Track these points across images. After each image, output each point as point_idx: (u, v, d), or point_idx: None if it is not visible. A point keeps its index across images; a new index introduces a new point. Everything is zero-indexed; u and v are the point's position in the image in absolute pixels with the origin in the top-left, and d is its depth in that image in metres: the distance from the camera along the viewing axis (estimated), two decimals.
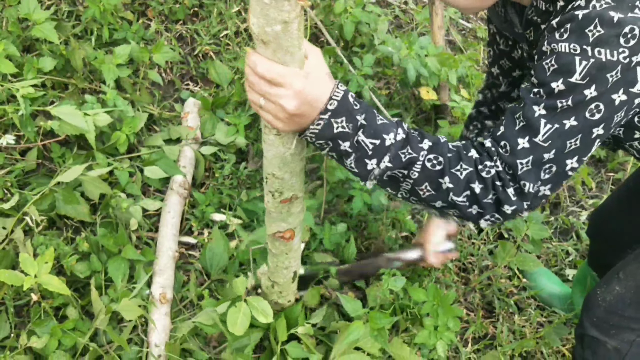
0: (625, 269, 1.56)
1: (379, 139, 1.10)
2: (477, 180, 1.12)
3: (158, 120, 2.42)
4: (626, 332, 1.56)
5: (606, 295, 1.58)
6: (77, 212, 2.03)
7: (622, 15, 0.99)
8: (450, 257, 2.00)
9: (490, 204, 1.14)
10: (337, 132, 1.08)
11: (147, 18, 2.65)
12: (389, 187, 1.18)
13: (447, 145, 1.16)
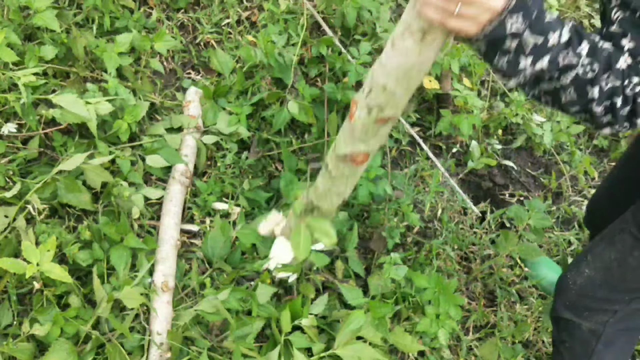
0: (593, 252, 1.57)
1: (543, 37, 1.05)
2: (620, 95, 1.10)
3: (160, 109, 2.41)
4: (599, 314, 1.58)
5: (577, 279, 1.59)
6: (79, 201, 2.03)
7: None
8: None
9: (624, 116, 1.12)
10: (510, 31, 1.05)
11: (148, 7, 2.64)
12: (527, 86, 1.15)
13: (601, 49, 1.11)
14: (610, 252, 1.52)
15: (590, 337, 1.61)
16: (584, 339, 1.62)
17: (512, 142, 2.79)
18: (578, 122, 2.88)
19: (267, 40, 2.36)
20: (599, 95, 1.10)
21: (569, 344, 1.66)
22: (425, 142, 2.61)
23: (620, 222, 1.52)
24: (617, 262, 1.50)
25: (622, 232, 1.49)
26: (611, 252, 1.52)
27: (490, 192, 2.61)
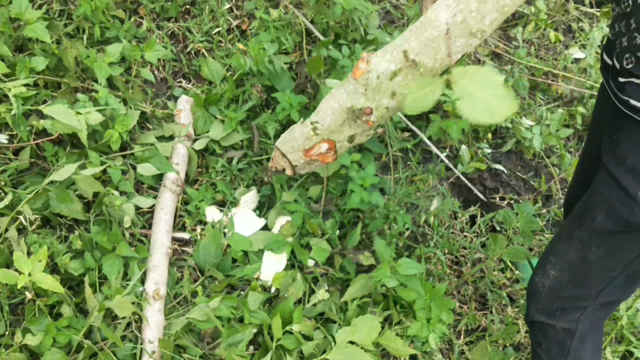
0: (554, 251, 1.59)
1: None
2: None
3: (151, 118, 2.43)
4: (571, 312, 1.60)
5: (544, 281, 1.61)
6: (71, 211, 2.04)
7: None
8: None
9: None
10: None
11: (138, 16, 2.66)
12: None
13: None
14: (570, 250, 1.54)
15: (565, 336, 1.63)
16: (559, 339, 1.64)
17: (501, 145, 2.81)
18: (568, 125, 2.90)
19: (259, 47, 2.38)
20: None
21: (545, 346, 1.68)
22: (415, 147, 2.63)
23: (574, 218, 1.54)
24: (579, 259, 1.52)
25: (578, 228, 1.51)
26: (572, 250, 1.53)
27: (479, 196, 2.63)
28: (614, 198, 1.39)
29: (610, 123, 1.43)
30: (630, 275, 1.51)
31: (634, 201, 1.35)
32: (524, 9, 3.24)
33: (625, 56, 1.28)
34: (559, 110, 2.88)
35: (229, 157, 2.39)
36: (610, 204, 1.41)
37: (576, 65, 3.16)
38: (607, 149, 1.43)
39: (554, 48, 3.28)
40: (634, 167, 1.34)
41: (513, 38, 3.19)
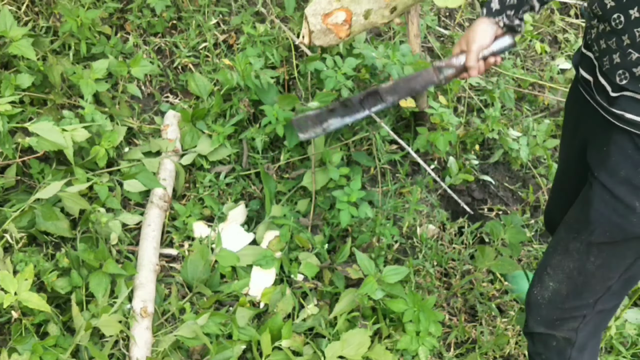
0: (551, 264, 1.60)
1: None
2: None
3: (138, 134, 2.42)
4: (570, 322, 1.61)
5: (544, 293, 1.62)
6: (57, 228, 2.04)
7: None
8: (493, 62, 1.61)
9: None
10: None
11: (125, 32, 2.66)
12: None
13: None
14: (568, 262, 1.54)
15: (565, 345, 1.64)
16: (559, 349, 1.65)
17: (489, 157, 2.82)
18: (555, 136, 2.92)
19: (246, 62, 2.39)
20: None
21: (545, 356, 1.69)
22: (404, 159, 2.64)
23: (568, 231, 1.55)
24: (577, 270, 1.53)
25: (574, 240, 1.52)
26: (569, 262, 1.54)
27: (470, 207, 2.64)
28: (610, 210, 1.41)
29: (598, 135, 1.44)
30: (627, 280, 1.53)
31: (633, 212, 1.36)
32: None
33: (618, 72, 1.29)
34: (546, 121, 2.89)
35: (217, 172, 2.39)
36: (606, 216, 1.42)
37: (562, 76, 3.18)
38: (597, 161, 1.44)
39: (540, 59, 3.31)
40: (629, 178, 1.36)
41: None
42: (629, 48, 1.25)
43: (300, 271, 2.11)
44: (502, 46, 1.57)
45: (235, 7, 2.73)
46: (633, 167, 1.34)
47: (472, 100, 2.88)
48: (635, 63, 1.24)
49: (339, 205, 2.15)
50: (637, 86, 1.26)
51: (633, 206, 1.36)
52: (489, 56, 1.57)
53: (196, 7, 2.70)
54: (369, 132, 2.53)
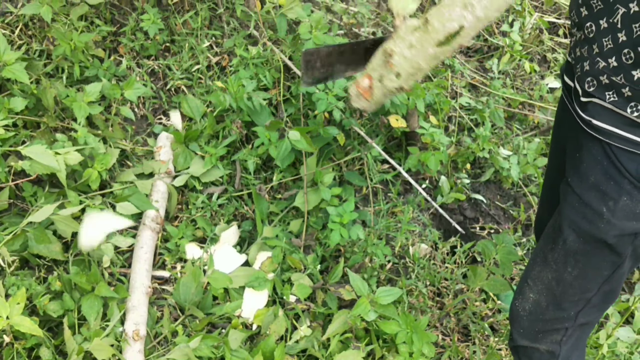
0: (531, 275, 1.61)
1: None
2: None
3: (131, 156, 2.44)
4: (552, 334, 1.62)
5: (525, 305, 1.64)
6: (50, 251, 2.04)
7: None
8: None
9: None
10: None
11: (118, 55, 2.68)
12: None
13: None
14: (547, 272, 1.56)
15: (549, 357, 1.65)
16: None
17: (480, 175, 2.84)
18: (545, 154, 2.95)
19: (238, 84, 2.41)
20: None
21: None
22: (395, 178, 2.66)
23: (547, 241, 1.57)
24: (556, 280, 1.54)
25: (551, 251, 1.53)
26: (548, 272, 1.55)
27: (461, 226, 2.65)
28: (580, 217, 1.43)
29: (573, 141, 1.47)
30: (606, 292, 1.54)
31: (600, 217, 1.38)
32: (499, 41, 3.31)
33: (587, 79, 1.32)
34: (536, 140, 2.92)
35: (209, 193, 2.40)
36: (577, 223, 1.44)
37: (552, 95, 3.22)
38: (570, 167, 1.47)
39: (529, 78, 3.35)
40: (597, 184, 1.37)
41: (489, 69, 3.25)
42: (597, 56, 1.28)
43: (293, 292, 2.11)
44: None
45: (228, 30, 2.76)
46: (602, 173, 1.36)
47: (463, 119, 2.90)
48: (602, 71, 1.27)
49: (331, 226, 2.16)
50: (604, 94, 1.29)
51: (600, 212, 1.37)
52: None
53: (189, 30, 2.72)
54: (361, 152, 2.55)
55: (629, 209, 1.35)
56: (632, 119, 1.26)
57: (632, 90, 1.23)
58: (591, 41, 1.29)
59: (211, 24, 2.80)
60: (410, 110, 2.55)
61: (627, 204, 1.35)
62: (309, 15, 2.40)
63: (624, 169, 1.32)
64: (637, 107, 1.24)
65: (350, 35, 2.77)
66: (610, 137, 1.32)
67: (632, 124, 1.27)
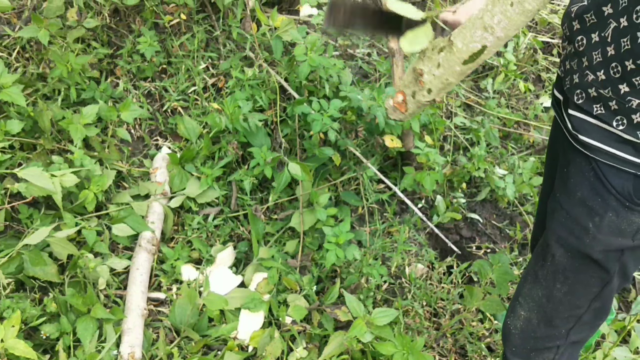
0: (522, 293, 1.62)
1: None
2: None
3: (127, 177, 2.44)
4: (544, 352, 1.63)
5: (516, 323, 1.64)
6: (45, 273, 2.03)
7: None
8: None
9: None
10: None
11: (115, 77, 2.70)
12: None
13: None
14: (537, 290, 1.57)
15: None
16: None
17: (476, 195, 2.85)
18: (541, 173, 2.96)
19: (234, 106, 2.42)
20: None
21: None
22: (391, 198, 2.67)
23: (537, 258, 1.58)
24: (546, 297, 1.55)
25: (541, 268, 1.54)
26: (538, 290, 1.56)
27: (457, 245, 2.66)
28: (567, 232, 1.44)
29: (562, 157, 1.49)
30: (597, 309, 1.55)
31: (586, 233, 1.39)
32: (494, 61, 3.34)
33: (576, 92, 1.34)
34: (531, 159, 2.94)
35: (205, 214, 2.40)
36: (564, 238, 1.45)
37: (546, 114, 3.24)
38: (559, 183, 1.49)
39: (524, 98, 3.37)
40: (584, 200, 1.39)
41: (484, 89, 3.28)
42: (586, 69, 1.30)
43: (289, 314, 2.10)
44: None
45: (224, 52, 2.79)
46: (589, 189, 1.38)
47: (458, 139, 2.92)
48: (591, 84, 1.29)
49: (327, 246, 2.17)
50: (591, 106, 1.31)
51: (587, 227, 1.39)
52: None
53: (185, 52, 2.75)
54: (357, 172, 2.56)
55: (614, 225, 1.36)
56: (618, 133, 1.28)
57: (619, 104, 1.25)
58: (581, 54, 1.32)
59: (207, 46, 2.83)
60: (406, 130, 2.57)
61: (612, 220, 1.36)
62: (304, 37, 2.42)
63: (610, 185, 1.34)
64: (623, 121, 1.26)
65: (345, 56, 2.80)
66: (596, 152, 1.34)
67: (618, 140, 1.29)
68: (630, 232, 1.36)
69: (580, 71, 1.32)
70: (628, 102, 1.23)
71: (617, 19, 1.21)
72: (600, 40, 1.26)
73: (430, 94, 1.45)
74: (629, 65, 1.19)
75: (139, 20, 2.75)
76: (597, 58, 1.27)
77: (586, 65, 1.30)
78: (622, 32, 1.20)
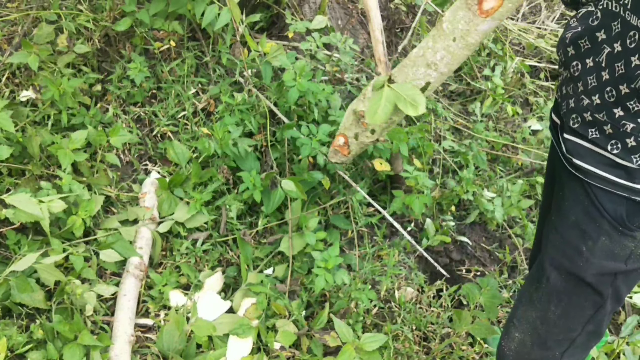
0: (517, 315, 1.63)
1: None
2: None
3: (116, 202, 2.44)
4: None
5: (510, 344, 1.65)
6: (32, 300, 2.02)
7: None
8: None
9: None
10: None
11: (105, 102, 2.71)
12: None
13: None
14: (531, 312, 1.58)
15: None
16: None
17: (465, 217, 2.86)
18: (529, 196, 2.98)
19: (224, 130, 2.43)
20: None
21: None
22: (381, 221, 2.67)
23: (531, 281, 1.58)
24: (540, 320, 1.56)
25: (536, 290, 1.55)
26: (532, 312, 1.57)
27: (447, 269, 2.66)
28: (560, 254, 1.46)
29: (559, 179, 1.51)
30: (590, 333, 1.55)
31: (580, 256, 1.40)
32: (482, 85, 3.38)
33: (572, 116, 1.36)
34: (519, 181, 2.95)
35: (194, 239, 2.40)
36: (558, 260, 1.47)
37: (534, 137, 3.27)
38: (555, 205, 1.51)
39: (512, 121, 3.40)
40: (578, 223, 1.40)
41: (472, 113, 3.30)
42: (582, 94, 1.33)
43: (277, 340, 2.09)
44: None
45: (214, 77, 2.81)
46: (583, 212, 1.39)
47: (447, 162, 2.94)
48: (586, 108, 1.32)
49: (316, 271, 2.16)
50: (587, 130, 1.33)
51: (580, 250, 1.40)
52: None
53: (175, 78, 2.76)
54: (346, 195, 2.56)
55: (607, 249, 1.38)
56: (612, 158, 1.30)
57: (613, 128, 1.27)
58: (576, 79, 1.34)
59: (197, 71, 2.85)
60: (394, 154, 2.58)
61: (605, 244, 1.37)
62: (292, 63, 2.44)
63: (603, 209, 1.35)
64: (617, 145, 1.28)
65: (334, 81, 2.82)
66: (590, 176, 1.35)
67: (611, 164, 1.31)
68: (623, 256, 1.38)
69: (576, 96, 1.35)
70: (622, 126, 1.25)
71: (611, 44, 1.23)
72: (594, 65, 1.28)
73: (374, 134, 1.43)
74: (623, 90, 1.22)
75: (129, 46, 2.77)
76: (592, 83, 1.29)
77: (581, 90, 1.33)
78: (616, 56, 1.22)
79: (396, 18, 3.36)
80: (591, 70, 1.30)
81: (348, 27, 3.11)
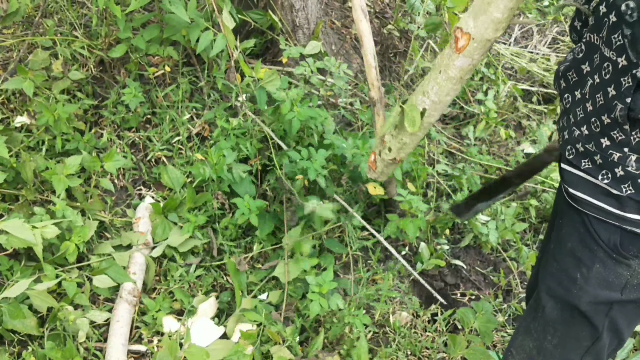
0: (514, 344, 1.64)
1: None
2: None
3: (109, 227, 2.44)
4: None
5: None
6: (25, 326, 2.01)
7: None
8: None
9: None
10: None
11: (99, 127, 2.72)
12: None
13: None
14: (528, 341, 1.58)
15: None
16: None
17: (459, 241, 2.86)
18: (524, 219, 2.98)
19: (219, 155, 2.44)
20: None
21: None
22: (375, 245, 2.67)
23: (529, 310, 1.58)
24: (536, 349, 1.56)
25: (533, 320, 1.55)
26: (529, 341, 1.58)
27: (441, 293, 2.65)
28: (556, 282, 1.46)
29: (559, 209, 1.52)
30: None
31: (574, 283, 1.41)
32: (475, 109, 3.40)
33: (567, 147, 1.38)
34: (513, 204, 2.96)
35: (188, 264, 2.39)
36: (553, 289, 1.47)
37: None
38: (554, 235, 1.51)
39: (505, 144, 3.42)
40: (573, 251, 1.41)
41: (465, 136, 3.33)
42: (573, 125, 1.35)
43: None
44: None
45: (209, 102, 2.82)
46: (578, 240, 1.40)
47: (441, 185, 2.95)
48: (577, 139, 1.33)
49: (311, 296, 2.16)
50: (580, 161, 1.34)
51: (574, 278, 1.40)
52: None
53: (170, 103, 2.78)
54: (342, 220, 2.56)
55: (601, 277, 1.38)
56: (604, 187, 1.31)
57: (602, 158, 1.28)
58: (568, 111, 1.37)
59: (192, 96, 2.86)
60: (388, 178, 2.59)
61: (600, 272, 1.37)
62: (284, 89, 2.46)
63: (597, 237, 1.36)
64: (608, 175, 1.29)
65: (328, 106, 2.84)
66: (585, 205, 1.37)
67: (604, 193, 1.32)
68: (619, 285, 1.38)
69: (569, 127, 1.37)
70: (610, 156, 1.27)
71: (592, 76, 1.26)
72: (581, 97, 1.31)
73: (391, 153, 1.59)
74: (605, 120, 1.24)
75: (124, 72, 2.79)
76: (580, 114, 1.32)
77: (573, 121, 1.35)
78: (596, 87, 1.25)
79: (389, 43, 3.39)
80: (579, 102, 1.32)
81: (342, 52, 3.15)
